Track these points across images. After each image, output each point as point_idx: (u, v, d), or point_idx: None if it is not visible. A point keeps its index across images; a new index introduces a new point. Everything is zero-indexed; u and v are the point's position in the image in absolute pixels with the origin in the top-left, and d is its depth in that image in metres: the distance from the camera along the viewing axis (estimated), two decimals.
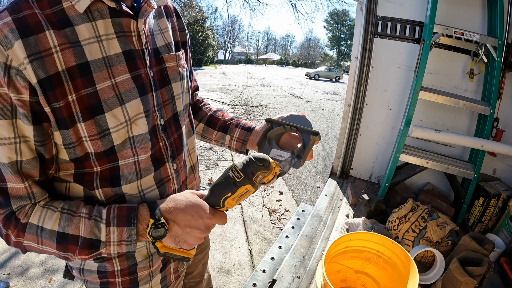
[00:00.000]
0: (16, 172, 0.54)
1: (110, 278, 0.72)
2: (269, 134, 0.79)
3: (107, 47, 0.58)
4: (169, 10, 0.78)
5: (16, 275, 2.18)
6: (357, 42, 1.62)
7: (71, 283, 2.18)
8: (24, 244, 0.58)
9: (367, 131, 1.78)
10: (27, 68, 0.49)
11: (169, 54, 0.72)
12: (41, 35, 0.50)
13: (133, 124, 0.62)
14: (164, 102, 0.71)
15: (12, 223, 0.57)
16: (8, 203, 0.56)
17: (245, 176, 0.59)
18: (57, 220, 0.58)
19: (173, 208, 0.60)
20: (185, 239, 0.60)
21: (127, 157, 0.64)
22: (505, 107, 1.40)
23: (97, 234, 0.58)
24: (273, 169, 0.62)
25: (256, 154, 0.61)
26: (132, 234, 0.59)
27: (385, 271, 0.87)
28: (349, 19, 51.57)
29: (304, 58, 63.25)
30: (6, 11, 0.50)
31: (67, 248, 0.58)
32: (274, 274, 1.08)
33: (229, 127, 0.94)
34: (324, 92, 14.97)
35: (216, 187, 0.61)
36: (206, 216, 0.59)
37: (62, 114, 0.54)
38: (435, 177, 1.66)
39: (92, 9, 0.56)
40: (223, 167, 4.46)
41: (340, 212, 1.49)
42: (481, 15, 1.40)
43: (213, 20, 41.45)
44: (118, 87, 0.59)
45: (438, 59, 1.49)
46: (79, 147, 0.58)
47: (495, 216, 1.31)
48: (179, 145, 0.77)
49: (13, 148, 0.53)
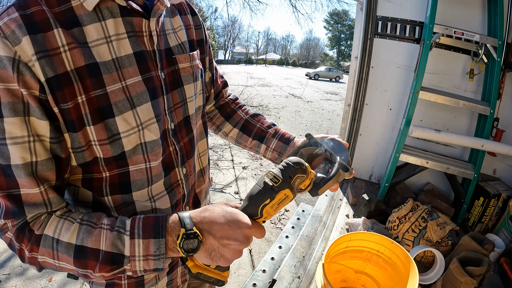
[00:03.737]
0: (30, 175, 0.50)
1: (116, 279, 0.70)
2: (302, 150, 0.73)
3: (117, 47, 0.55)
4: (183, 7, 0.75)
5: (16, 275, 2.18)
6: (357, 42, 1.62)
7: (71, 283, 2.18)
8: (39, 260, 0.53)
9: (367, 131, 1.78)
10: (35, 65, 0.47)
11: (183, 55, 0.69)
12: (49, 33, 0.48)
13: (145, 129, 0.60)
14: (175, 105, 0.68)
15: (26, 236, 0.51)
16: (21, 212, 0.50)
17: (283, 180, 0.55)
18: (75, 232, 0.52)
19: (207, 218, 0.53)
20: (222, 253, 0.52)
21: (138, 163, 0.61)
22: (505, 107, 1.40)
23: (120, 248, 0.51)
24: (309, 174, 0.58)
25: (291, 158, 0.57)
26: (160, 247, 0.51)
27: (385, 271, 0.87)
28: (349, 19, 51.60)
29: (304, 58, 63.26)
30: (13, 7, 0.48)
31: (86, 264, 0.52)
32: (274, 274, 1.08)
33: (266, 136, 0.87)
34: (324, 92, 14.97)
35: (252, 195, 0.55)
36: (245, 225, 0.52)
37: (71, 116, 0.51)
38: (435, 177, 1.66)
39: (102, 8, 0.53)
40: (223, 167, 4.46)
41: (340, 212, 1.49)
42: (481, 15, 1.40)
43: (213, 20, 41.45)
44: (129, 90, 0.57)
45: (438, 59, 1.49)
46: (88, 151, 0.55)
47: (495, 216, 1.31)
48: (190, 149, 0.74)
49: (27, 147, 0.49)
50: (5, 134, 0.48)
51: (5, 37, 0.46)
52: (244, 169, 4.49)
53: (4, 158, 0.49)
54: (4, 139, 0.48)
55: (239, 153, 5.14)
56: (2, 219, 0.51)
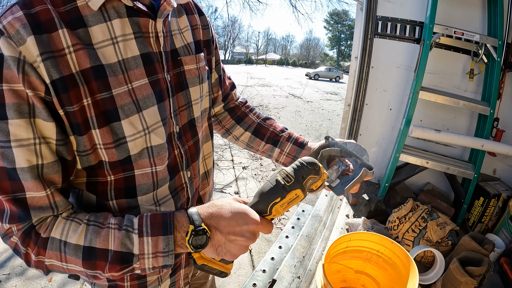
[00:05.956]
0: (36, 178, 0.49)
1: (119, 281, 0.69)
2: (323, 151, 0.73)
3: (123, 49, 0.54)
4: (190, 7, 0.73)
5: (16, 275, 2.18)
6: (357, 42, 1.62)
7: (71, 283, 2.18)
8: (46, 263, 0.52)
9: (367, 131, 1.78)
10: (40, 66, 0.46)
11: (188, 57, 0.67)
12: (54, 33, 0.47)
13: (152, 133, 0.59)
14: (180, 107, 0.67)
15: (32, 239, 0.51)
16: (27, 216, 0.49)
17: (296, 179, 0.55)
18: (83, 233, 0.51)
19: (214, 214, 0.53)
20: (228, 248, 0.53)
21: (144, 167, 0.60)
22: (505, 107, 1.40)
23: (129, 247, 0.51)
24: (322, 175, 0.58)
25: (305, 158, 0.57)
26: (169, 244, 0.52)
27: (385, 271, 0.87)
28: (349, 19, 51.58)
29: (304, 58, 63.24)
30: (17, 5, 0.47)
31: (95, 265, 0.51)
32: (274, 274, 1.08)
33: (280, 140, 0.86)
34: (324, 92, 14.97)
35: (263, 193, 0.56)
36: (252, 221, 0.52)
37: (76, 119, 0.50)
38: (435, 177, 1.66)
39: (108, 8, 0.52)
40: (223, 167, 4.46)
41: (340, 212, 1.49)
42: (481, 15, 1.40)
43: (213, 20, 41.43)
44: (135, 92, 0.55)
45: (438, 59, 1.49)
46: (93, 155, 0.54)
47: (495, 216, 1.31)
48: (194, 152, 0.73)
49: (32, 149, 0.48)
50: (10, 136, 0.47)
51: (10, 37, 0.45)
52: (244, 169, 4.49)
53: (9, 161, 0.48)
54: (9, 142, 0.47)
55: (239, 153, 5.14)
56: (7, 223, 0.50)
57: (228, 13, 71.33)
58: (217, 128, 0.96)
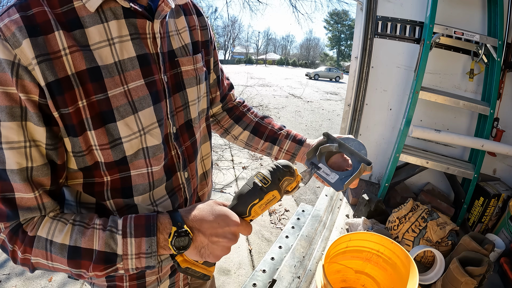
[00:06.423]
0: (25, 180, 0.50)
1: (118, 282, 0.69)
2: (321, 148, 0.75)
3: (120, 50, 0.54)
4: (189, 7, 0.73)
5: (16, 275, 2.18)
6: (357, 42, 1.62)
7: (70, 283, 2.18)
8: (32, 261, 0.53)
9: (367, 131, 1.78)
10: (35, 69, 0.46)
11: (185, 57, 0.67)
12: (50, 35, 0.47)
13: (147, 134, 0.59)
14: (177, 108, 0.67)
15: (19, 237, 0.52)
16: (15, 215, 0.51)
17: (272, 181, 0.57)
18: (69, 233, 0.52)
19: (197, 216, 0.55)
20: (211, 250, 0.54)
21: (140, 167, 0.60)
22: (505, 107, 1.40)
23: (113, 247, 0.52)
24: (297, 177, 0.61)
25: (281, 161, 0.60)
26: (152, 245, 0.53)
27: (385, 271, 0.87)
28: (349, 19, 51.58)
29: (304, 58, 63.24)
30: (14, 8, 0.47)
31: (80, 264, 0.52)
32: (274, 274, 1.08)
33: (279, 137, 0.87)
34: (324, 92, 14.98)
35: (242, 195, 0.58)
36: (233, 223, 0.54)
37: (71, 120, 0.51)
38: (435, 177, 1.66)
39: (105, 9, 0.52)
40: (223, 167, 4.46)
41: (340, 212, 1.49)
42: (481, 15, 1.40)
43: (213, 20, 41.40)
44: (131, 94, 0.56)
45: (438, 59, 1.49)
46: (89, 156, 0.55)
47: (495, 216, 1.31)
48: (192, 153, 0.73)
49: (22, 152, 0.49)
50: (2, 138, 0.48)
51: (5, 40, 0.45)
52: (244, 169, 4.49)
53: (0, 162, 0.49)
54: (0, 143, 0.48)
55: (239, 153, 5.14)
56: None
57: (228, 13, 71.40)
58: (215, 128, 0.96)
